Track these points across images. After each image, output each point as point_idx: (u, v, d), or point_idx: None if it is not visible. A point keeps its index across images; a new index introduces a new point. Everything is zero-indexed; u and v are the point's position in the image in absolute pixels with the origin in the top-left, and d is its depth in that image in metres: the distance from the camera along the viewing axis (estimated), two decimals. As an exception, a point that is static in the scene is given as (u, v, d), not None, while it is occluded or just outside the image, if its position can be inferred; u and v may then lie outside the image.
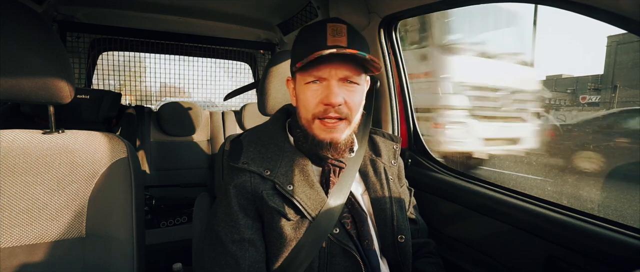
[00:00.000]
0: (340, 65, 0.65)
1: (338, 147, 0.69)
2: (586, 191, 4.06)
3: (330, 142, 0.68)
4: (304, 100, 0.69)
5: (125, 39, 2.11)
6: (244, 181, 0.68)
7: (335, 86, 0.65)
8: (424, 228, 0.87)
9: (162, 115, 2.08)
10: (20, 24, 0.64)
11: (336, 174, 0.72)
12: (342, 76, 0.66)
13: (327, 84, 0.66)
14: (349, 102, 0.67)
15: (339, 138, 0.68)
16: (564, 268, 0.72)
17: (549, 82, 21.14)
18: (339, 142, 0.69)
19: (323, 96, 0.65)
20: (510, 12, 4.44)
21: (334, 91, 0.65)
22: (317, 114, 0.67)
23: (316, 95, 0.66)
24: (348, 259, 0.66)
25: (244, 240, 0.66)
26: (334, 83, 0.66)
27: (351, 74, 0.67)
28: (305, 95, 0.68)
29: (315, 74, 0.66)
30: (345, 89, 0.67)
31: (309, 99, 0.67)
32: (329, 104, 0.65)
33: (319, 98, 0.66)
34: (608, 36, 20.50)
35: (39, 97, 0.67)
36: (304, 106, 0.69)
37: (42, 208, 0.68)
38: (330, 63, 0.65)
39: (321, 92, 0.66)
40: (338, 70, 0.65)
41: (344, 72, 0.66)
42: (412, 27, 4.18)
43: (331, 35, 0.65)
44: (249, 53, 2.61)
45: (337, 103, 0.65)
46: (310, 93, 0.67)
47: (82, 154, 0.72)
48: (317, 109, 0.67)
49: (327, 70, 0.65)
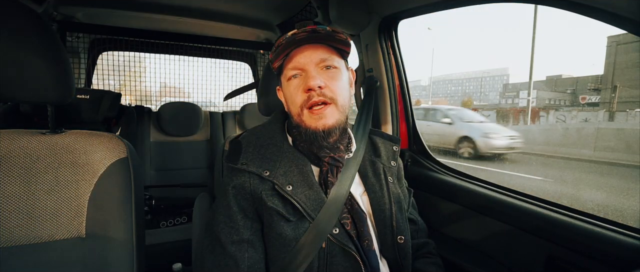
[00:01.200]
0: (313, 48, 0.69)
1: (332, 133, 0.69)
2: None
3: (323, 130, 0.68)
4: (290, 96, 0.71)
5: (125, 39, 2.11)
6: (243, 182, 0.68)
7: (314, 71, 0.68)
8: (423, 228, 0.87)
9: (162, 115, 2.08)
10: (20, 24, 0.64)
11: (334, 174, 0.72)
12: (317, 60, 0.68)
13: (306, 74, 0.69)
14: (330, 85, 0.68)
15: (328, 123, 0.68)
16: (564, 268, 0.73)
17: (548, 82, 20.97)
18: (330, 127, 0.68)
19: (304, 84, 0.67)
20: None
21: (312, 75, 0.67)
22: (303, 103, 0.68)
23: (298, 86, 0.69)
24: (348, 259, 0.66)
25: (243, 241, 0.66)
26: (312, 69, 0.68)
27: (326, 56, 0.69)
28: (289, 91, 0.71)
29: (293, 66, 0.69)
30: (325, 74, 0.69)
31: (293, 92, 0.70)
32: (309, 88, 0.66)
33: (301, 88, 0.68)
34: (608, 36, 20.54)
35: (39, 97, 0.67)
36: (292, 101, 0.71)
37: (42, 208, 0.68)
38: (302, 47, 0.68)
39: (302, 81, 0.69)
40: (312, 54, 0.68)
41: (319, 54, 0.68)
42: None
43: (297, 28, 0.68)
44: (249, 53, 2.61)
45: (317, 85, 0.66)
46: (293, 87, 0.70)
47: (82, 154, 0.72)
48: (302, 99, 0.68)
49: (300, 57, 0.68)
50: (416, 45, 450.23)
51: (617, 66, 19.21)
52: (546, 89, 30.55)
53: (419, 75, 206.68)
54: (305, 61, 0.68)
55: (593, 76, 23.79)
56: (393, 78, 1.27)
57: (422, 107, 9.86)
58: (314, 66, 0.68)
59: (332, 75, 0.69)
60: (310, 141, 0.70)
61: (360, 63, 1.36)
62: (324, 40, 0.69)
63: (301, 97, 0.68)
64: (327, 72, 0.69)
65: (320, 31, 0.67)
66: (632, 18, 0.58)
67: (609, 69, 20.10)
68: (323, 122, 0.68)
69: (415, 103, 16.74)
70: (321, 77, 0.67)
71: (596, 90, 21.77)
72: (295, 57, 0.69)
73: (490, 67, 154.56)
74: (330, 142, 0.72)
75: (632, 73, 18.78)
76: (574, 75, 34.48)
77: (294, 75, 0.70)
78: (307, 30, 0.66)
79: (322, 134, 0.68)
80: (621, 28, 0.62)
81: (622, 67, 19.07)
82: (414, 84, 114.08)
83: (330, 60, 0.70)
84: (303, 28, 0.67)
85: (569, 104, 26.53)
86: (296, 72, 0.69)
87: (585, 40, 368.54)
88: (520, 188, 0.91)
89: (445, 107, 8.51)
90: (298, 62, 0.69)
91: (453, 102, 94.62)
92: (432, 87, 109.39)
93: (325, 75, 0.69)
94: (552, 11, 71.63)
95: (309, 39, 0.68)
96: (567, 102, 27.37)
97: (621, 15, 0.60)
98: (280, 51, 0.69)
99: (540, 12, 20.87)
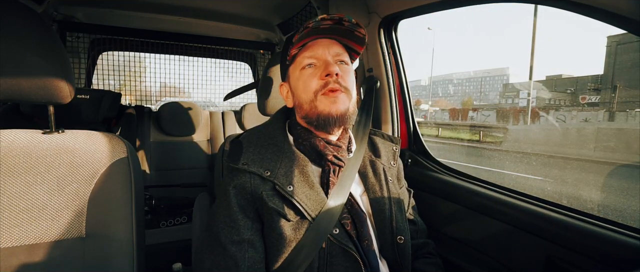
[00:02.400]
0: (331, 43, 0.72)
1: (343, 120, 0.70)
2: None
3: (336, 114, 0.69)
4: (304, 83, 0.71)
5: (125, 39, 2.11)
6: (243, 182, 0.68)
7: (332, 62, 0.70)
8: (423, 229, 0.87)
9: (162, 115, 2.08)
10: (20, 24, 0.64)
11: (336, 174, 0.72)
12: (334, 54, 0.71)
13: (322, 62, 0.70)
14: (343, 76, 0.70)
15: (342, 109, 0.69)
16: (564, 268, 0.72)
17: (548, 82, 21.02)
18: (341, 113, 0.69)
19: (321, 71, 0.69)
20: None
21: (332, 63, 0.70)
22: (319, 89, 0.69)
23: (314, 74, 0.70)
24: (348, 259, 0.66)
25: (244, 241, 0.66)
26: (330, 59, 0.71)
27: (342, 52, 0.73)
28: (303, 79, 0.71)
29: (309, 55, 0.71)
30: (339, 67, 0.71)
31: (307, 80, 0.71)
32: (328, 73, 0.68)
33: (317, 75, 0.69)
34: (608, 36, 20.55)
35: (39, 97, 0.67)
36: (304, 89, 0.71)
37: (42, 208, 0.68)
38: (319, 41, 0.71)
39: (318, 69, 0.70)
40: (330, 48, 0.71)
41: (336, 49, 0.72)
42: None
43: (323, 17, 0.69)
44: (249, 53, 2.61)
45: (336, 71, 0.68)
46: (308, 76, 0.71)
47: (82, 154, 0.72)
48: (318, 85, 0.69)
49: (318, 48, 0.71)
50: (416, 45, 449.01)
51: (617, 66, 19.21)
52: (546, 88, 30.57)
53: (419, 75, 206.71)
54: (323, 52, 0.71)
55: (593, 76, 23.77)
56: (393, 78, 1.27)
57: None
58: (331, 57, 0.71)
59: (344, 70, 0.72)
60: (322, 125, 0.70)
61: (360, 63, 1.36)
62: (344, 35, 0.72)
63: (317, 83, 0.69)
64: (340, 66, 0.72)
65: (345, 23, 0.69)
66: (632, 18, 0.58)
67: (609, 69, 20.10)
68: (337, 107, 0.69)
69: (415, 103, 16.77)
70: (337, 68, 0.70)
71: (596, 90, 21.77)
72: (313, 47, 0.71)
73: (491, 67, 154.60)
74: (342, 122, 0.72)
75: (632, 73, 18.78)
76: (574, 75, 34.56)
77: (309, 64, 0.71)
78: (335, 19, 0.68)
79: (334, 118, 0.69)
80: (621, 28, 0.62)
81: (622, 67, 19.08)
82: (414, 84, 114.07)
83: (344, 56, 0.73)
84: (331, 16, 0.68)
85: (569, 104, 26.54)
86: (312, 61, 0.71)
87: (585, 40, 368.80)
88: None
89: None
90: (316, 52, 0.71)
91: (453, 102, 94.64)
92: (432, 87, 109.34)
93: (340, 68, 0.71)
94: (552, 11, 71.66)
95: (332, 31, 0.71)
96: (567, 102, 27.38)
97: (621, 15, 0.60)
98: (305, 35, 0.70)
99: (541, 12, 20.84)
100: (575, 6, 0.67)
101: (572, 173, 6.64)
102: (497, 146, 10.55)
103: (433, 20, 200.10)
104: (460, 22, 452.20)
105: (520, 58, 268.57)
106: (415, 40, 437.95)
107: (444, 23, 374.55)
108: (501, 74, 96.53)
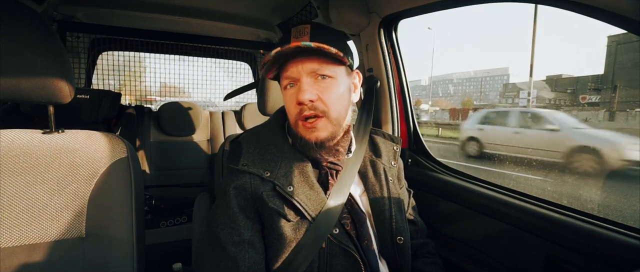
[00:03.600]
0: (304, 60, 0.66)
1: (325, 145, 0.69)
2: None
3: (316, 142, 0.68)
4: (286, 105, 0.71)
5: (125, 39, 2.11)
6: (244, 183, 0.68)
7: (305, 83, 0.65)
8: (423, 229, 0.87)
9: (162, 115, 2.08)
10: (20, 24, 0.64)
11: (334, 177, 0.72)
12: (309, 71, 0.66)
13: (299, 84, 0.67)
14: (323, 97, 0.66)
15: (321, 136, 0.67)
16: (564, 268, 0.72)
17: (549, 82, 21.01)
18: (322, 140, 0.68)
19: (296, 96, 0.66)
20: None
21: (302, 88, 0.65)
22: (296, 115, 0.67)
23: (293, 97, 0.67)
24: (348, 259, 0.66)
25: (244, 241, 0.65)
26: (305, 80, 0.66)
27: (318, 66, 0.66)
28: (286, 100, 0.71)
29: (286, 75, 0.68)
30: (317, 85, 0.66)
31: (288, 103, 0.70)
32: (300, 102, 0.65)
33: (294, 100, 0.67)
34: (608, 36, 20.54)
35: (39, 97, 0.67)
36: (288, 111, 0.71)
37: (42, 208, 0.68)
38: (293, 60, 0.66)
39: (295, 93, 0.67)
40: (304, 65, 0.66)
41: (310, 66, 0.66)
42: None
43: (294, 38, 0.67)
44: (248, 53, 2.61)
45: (307, 99, 0.64)
46: (288, 97, 0.69)
47: (82, 154, 0.72)
48: (295, 111, 0.67)
49: (293, 68, 0.66)
50: (416, 45, 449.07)
51: (617, 66, 19.20)
52: (546, 88, 30.58)
53: (419, 75, 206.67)
54: (297, 71, 0.66)
55: (593, 76, 23.74)
56: (393, 78, 1.27)
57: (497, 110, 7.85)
58: (306, 76, 0.66)
59: (326, 85, 0.67)
60: (305, 149, 0.71)
61: (360, 63, 1.36)
62: (312, 54, 0.66)
63: (294, 109, 0.67)
64: (321, 83, 0.66)
65: (303, 48, 0.63)
66: (632, 18, 0.58)
67: (609, 69, 20.09)
68: (316, 135, 0.67)
69: (415, 103, 16.78)
70: (314, 89, 0.65)
71: (596, 90, 21.75)
72: (289, 66, 0.67)
73: (491, 67, 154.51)
74: (328, 147, 0.71)
75: (632, 73, 18.77)
76: (574, 75, 34.61)
77: (289, 84, 0.69)
78: (291, 48, 0.63)
79: (314, 145, 0.68)
80: (621, 28, 0.62)
81: (622, 67, 19.07)
82: (414, 84, 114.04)
83: (324, 69, 0.66)
84: (299, 42, 0.64)
85: (569, 103, 26.52)
86: (291, 82, 0.68)
87: (585, 39, 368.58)
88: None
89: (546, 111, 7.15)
90: (291, 72, 0.67)
91: (453, 102, 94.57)
92: (432, 87, 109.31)
93: (319, 86, 0.66)
94: (553, 11, 71.49)
95: (295, 54, 0.66)
96: (568, 101, 27.37)
97: (621, 15, 0.60)
98: (268, 67, 0.68)
99: (541, 12, 20.84)
100: (575, 6, 0.67)
101: (572, 173, 6.64)
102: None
103: (434, 20, 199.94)
104: (460, 22, 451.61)
105: (520, 58, 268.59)
106: (415, 40, 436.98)
107: (444, 23, 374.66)
108: (501, 74, 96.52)
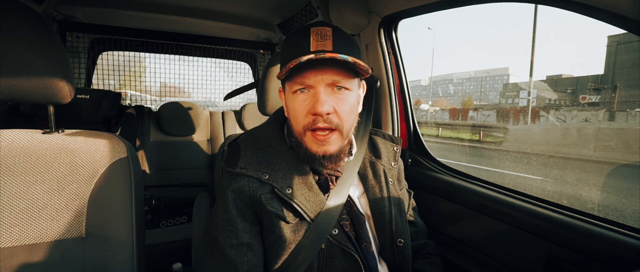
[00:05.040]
0: (325, 70, 0.61)
1: (332, 159, 0.66)
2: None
3: (323, 155, 0.64)
4: (293, 111, 0.65)
5: (125, 38, 2.11)
6: (242, 186, 0.67)
7: (323, 94, 0.61)
8: (423, 230, 0.87)
9: (162, 115, 2.08)
10: (20, 24, 0.64)
11: (334, 182, 0.71)
12: (329, 82, 0.62)
13: (314, 92, 0.62)
14: (338, 110, 0.63)
15: (330, 150, 0.64)
16: (564, 268, 0.72)
17: (549, 82, 20.99)
18: (331, 154, 0.65)
19: (310, 106, 0.62)
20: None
21: (321, 99, 0.61)
22: (307, 125, 0.63)
23: (304, 105, 0.63)
24: (347, 259, 0.66)
25: (243, 245, 0.65)
26: (322, 90, 0.61)
27: (339, 78, 0.62)
28: (293, 106, 0.65)
29: (301, 81, 0.62)
30: (334, 97, 0.63)
31: (297, 110, 0.64)
32: (316, 113, 0.61)
33: (307, 108, 0.62)
34: (608, 36, 20.54)
35: (39, 97, 0.67)
36: (294, 118, 0.66)
37: (42, 208, 0.68)
38: (314, 69, 0.61)
39: (309, 101, 0.62)
40: (324, 75, 0.61)
41: (331, 77, 0.61)
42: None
43: (315, 40, 0.62)
44: (248, 53, 2.62)
45: (325, 112, 0.60)
46: (298, 103, 0.64)
47: (82, 154, 0.72)
48: (306, 120, 0.63)
49: (312, 76, 0.61)
50: (416, 45, 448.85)
51: (617, 66, 19.20)
52: (546, 88, 30.57)
53: (419, 75, 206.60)
54: (316, 80, 0.61)
55: (593, 76, 23.73)
56: (393, 78, 1.27)
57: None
58: (325, 86, 0.62)
59: (342, 98, 0.63)
60: (308, 161, 0.68)
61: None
62: (343, 66, 0.62)
63: (305, 118, 0.63)
64: (337, 94, 0.63)
65: (340, 60, 0.59)
66: (632, 18, 0.58)
67: (609, 69, 20.09)
68: (325, 149, 0.64)
69: (415, 103, 16.76)
70: (330, 100, 0.62)
71: (596, 90, 21.75)
72: (307, 72, 0.62)
73: (491, 67, 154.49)
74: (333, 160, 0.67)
75: (632, 73, 18.77)
76: (574, 75, 34.65)
77: (300, 89, 0.63)
78: (326, 58, 0.58)
79: (321, 159, 0.65)
80: (621, 28, 0.62)
81: (622, 67, 19.06)
82: (414, 84, 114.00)
83: (343, 81, 0.63)
84: (321, 47, 0.60)
85: (569, 103, 26.52)
86: (304, 88, 0.63)
87: (586, 39, 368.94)
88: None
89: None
90: (308, 79, 0.62)
91: (453, 102, 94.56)
92: (432, 87, 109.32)
93: (335, 97, 0.63)
94: (553, 11, 71.47)
95: (330, 63, 0.61)
96: (568, 101, 27.36)
97: (621, 15, 0.60)
98: (293, 70, 0.61)
99: (541, 12, 20.86)
100: (576, 6, 0.67)
101: (573, 173, 6.64)
102: (498, 145, 10.55)
103: (434, 20, 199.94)
104: (460, 21, 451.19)
105: (520, 58, 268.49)
106: (416, 40, 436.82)
107: (445, 23, 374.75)
108: (501, 74, 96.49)
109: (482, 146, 10.83)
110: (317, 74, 0.61)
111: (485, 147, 10.58)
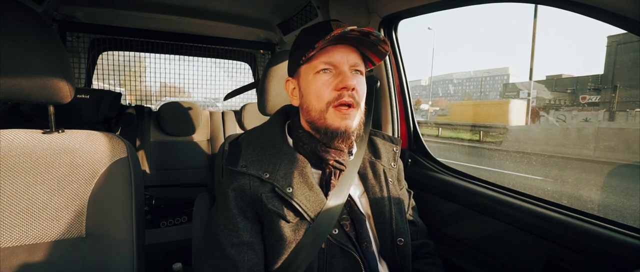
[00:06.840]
0: (350, 51, 0.68)
1: (351, 135, 0.69)
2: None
3: (345, 130, 0.67)
4: (316, 90, 0.68)
5: (125, 38, 2.11)
6: (242, 184, 0.67)
7: (348, 72, 0.67)
8: (423, 230, 0.87)
9: (162, 115, 2.08)
10: (20, 24, 0.64)
11: (337, 177, 0.71)
12: (353, 63, 0.68)
13: (339, 71, 0.67)
14: (358, 89, 0.68)
15: (352, 125, 0.68)
16: (564, 268, 0.72)
17: (549, 82, 21.03)
18: (351, 129, 0.68)
19: (337, 81, 0.66)
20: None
21: (348, 75, 0.66)
22: (332, 101, 0.66)
23: (329, 82, 0.67)
24: (347, 259, 0.66)
25: (243, 243, 0.65)
26: (347, 69, 0.67)
27: (359, 62, 0.69)
28: (316, 85, 0.68)
29: (327, 60, 0.66)
30: (354, 78, 0.68)
31: (321, 88, 0.67)
32: (345, 87, 0.65)
33: (332, 85, 0.66)
34: (608, 36, 20.54)
35: (39, 97, 0.67)
36: (317, 96, 0.68)
37: (42, 208, 0.68)
38: (338, 47, 0.67)
39: (334, 78, 0.67)
40: (349, 56, 0.67)
41: (355, 58, 0.68)
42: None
43: (335, 26, 0.66)
44: (249, 53, 2.62)
45: (352, 85, 0.65)
46: (322, 82, 0.67)
47: (82, 154, 0.72)
48: (331, 96, 0.66)
49: (336, 55, 0.66)
50: (416, 45, 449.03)
51: (617, 66, 19.20)
52: (546, 88, 30.58)
53: (419, 75, 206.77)
54: (341, 60, 0.67)
55: (593, 76, 23.74)
56: (393, 78, 1.27)
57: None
58: (348, 67, 0.67)
59: (359, 80, 0.69)
60: (328, 138, 0.69)
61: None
62: (368, 46, 0.68)
63: (331, 94, 0.66)
64: (356, 76, 0.69)
65: (371, 37, 0.64)
66: (632, 18, 0.58)
67: (609, 69, 20.09)
68: (347, 123, 0.67)
69: (415, 103, 16.79)
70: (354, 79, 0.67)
71: (596, 90, 21.75)
72: (331, 52, 0.66)
73: (491, 67, 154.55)
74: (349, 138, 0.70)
75: (632, 73, 18.77)
76: (574, 75, 34.71)
77: (324, 69, 0.67)
78: (364, 32, 0.63)
79: (343, 133, 0.67)
80: (621, 28, 0.62)
81: (622, 67, 19.07)
82: (414, 84, 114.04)
83: (361, 66, 0.70)
84: (360, 29, 0.64)
85: (569, 103, 26.52)
86: (328, 67, 0.67)
87: (585, 39, 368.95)
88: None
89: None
90: (334, 59, 0.66)
91: (453, 102, 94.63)
92: (432, 87, 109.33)
93: (355, 79, 0.68)
94: (553, 11, 71.65)
95: (357, 40, 0.66)
96: (567, 101, 27.36)
97: (621, 15, 0.60)
98: (330, 42, 0.65)
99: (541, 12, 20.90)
100: (576, 6, 0.67)
101: (573, 173, 6.64)
102: (498, 145, 10.55)
103: (434, 20, 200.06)
104: (460, 21, 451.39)
105: (520, 58, 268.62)
106: (415, 40, 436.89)
107: (444, 23, 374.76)
108: (501, 74, 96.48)
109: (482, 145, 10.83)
110: (343, 54, 0.67)
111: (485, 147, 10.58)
